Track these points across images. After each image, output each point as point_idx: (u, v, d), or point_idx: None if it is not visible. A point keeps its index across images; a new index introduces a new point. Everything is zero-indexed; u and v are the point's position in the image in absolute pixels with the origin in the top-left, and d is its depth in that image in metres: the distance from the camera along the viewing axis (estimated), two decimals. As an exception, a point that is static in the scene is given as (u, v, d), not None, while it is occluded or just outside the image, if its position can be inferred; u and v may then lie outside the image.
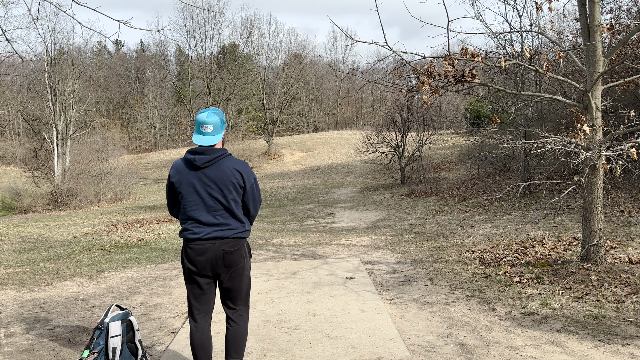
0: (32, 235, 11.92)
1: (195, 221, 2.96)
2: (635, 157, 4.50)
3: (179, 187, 2.98)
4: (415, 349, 3.67)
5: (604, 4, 12.35)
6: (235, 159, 3.03)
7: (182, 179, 2.96)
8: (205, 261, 2.94)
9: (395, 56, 4.91)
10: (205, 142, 2.97)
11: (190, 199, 2.96)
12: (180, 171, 2.98)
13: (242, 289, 3.08)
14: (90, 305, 5.21)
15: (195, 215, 2.95)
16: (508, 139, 8.18)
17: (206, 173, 2.94)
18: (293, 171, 30.44)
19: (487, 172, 18.48)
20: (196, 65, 42.11)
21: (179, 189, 2.98)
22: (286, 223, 12.19)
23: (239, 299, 3.09)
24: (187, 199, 2.96)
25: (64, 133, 29.55)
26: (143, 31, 31.82)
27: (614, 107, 7.00)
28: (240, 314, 3.10)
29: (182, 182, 2.97)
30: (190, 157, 2.95)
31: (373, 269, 6.27)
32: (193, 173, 2.95)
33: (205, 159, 2.93)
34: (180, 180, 2.97)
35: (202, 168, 2.94)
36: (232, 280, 3.02)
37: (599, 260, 5.33)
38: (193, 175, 2.95)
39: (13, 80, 40.70)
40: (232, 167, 2.97)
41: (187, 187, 2.95)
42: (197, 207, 2.95)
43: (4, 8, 27.08)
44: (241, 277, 3.05)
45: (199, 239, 2.94)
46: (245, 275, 3.08)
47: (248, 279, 3.13)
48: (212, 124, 2.98)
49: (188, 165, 2.97)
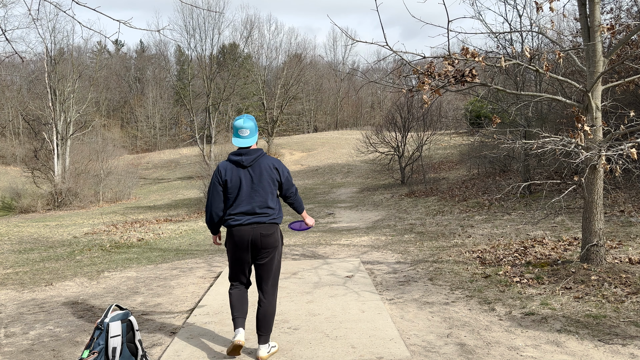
0: (32, 235, 11.92)
1: (240, 212, 3.52)
2: (635, 157, 4.50)
3: (229, 183, 3.52)
4: (415, 349, 3.66)
5: (604, 4, 12.35)
6: (271, 157, 3.61)
7: (233, 176, 3.52)
8: (245, 243, 3.50)
9: (396, 56, 4.91)
10: (245, 144, 3.56)
11: (237, 193, 3.53)
12: (230, 170, 3.54)
13: (272, 270, 3.60)
14: (90, 305, 5.21)
15: (240, 207, 3.52)
16: (508, 139, 8.17)
17: (250, 171, 3.53)
18: (293, 171, 30.45)
19: (487, 172, 18.48)
20: (196, 65, 42.07)
21: (229, 185, 3.53)
22: (286, 223, 12.19)
23: (270, 279, 3.60)
24: (234, 193, 3.53)
25: (64, 133, 29.55)
26: (143, 31, 31.80)
27: (614, 107, 7.00)
28: (270, 294, 3.62)
29: (232, 178, 3.52)
30: (236, 158, 3.54)
31: (373, 269, 6.27)
32: (242, 171, 3.53)
33: (250, 159, 3.53)
34: (231, 178, 3.52)
35: (248, 167, 3.52)
36: (265, 261, 3.56)
37: (599, 260, 5.33)
38: (242, 173, 3.53)
39: (13, 80, 40.72)
40: (270, 164, 3.56)
41: (236, 183, 3.52)
42: (241, 199, 3.52)
43: (4, 8, 27.09)
44: (272, 259, 3.59)
45: (240, 225, 3.51)
46: (276, 258, 3.62)
47: (279, 263, 3.66)
48: (248, 128, 3.57)
49: (235, 165, 3.54)
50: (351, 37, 5.41)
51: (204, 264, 7.15)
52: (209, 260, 7.38)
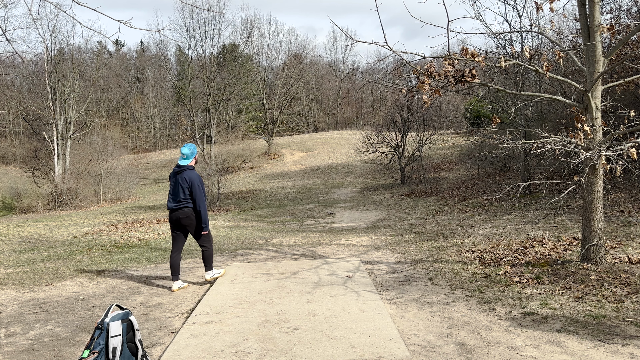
0: (32, 235, 11.93)
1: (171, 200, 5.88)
2: (635, 157, 4.51)
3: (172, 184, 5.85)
4: (415, 349, 3.67)
5: (604, 4, 12.36)
6: (191, 172, 5.75)
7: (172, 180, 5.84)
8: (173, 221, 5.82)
9: (396, 56, 4.92)
10: (183, 163, 5.80)
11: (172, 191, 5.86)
12: (172, 176, 5.83)
13: (199, 235, 5.86)
14: (90, 305, 5.21)
15: (170, 198, 5.88)
16: (508, 139, 8.16)
17: (178, 178, 5.75)
18: (293, 171, 30.45)
19: (487, 172, 18.48)
20: (196, 65, 42.08)
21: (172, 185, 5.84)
22: (286, 223, 12.19)
23: (199, 240, 5.89)
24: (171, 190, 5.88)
25: (64, 133, 29.56)
26: (143, 31, 31.81)
27: (614, 107, 6.99)
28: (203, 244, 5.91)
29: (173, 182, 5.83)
30: (175, 169, 5.84)
31: (373, 269, 6.28)
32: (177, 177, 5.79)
33: (179, 171, 5.77)
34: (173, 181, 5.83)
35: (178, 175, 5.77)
36: (193, 232, 5.82)
37: (598, 260, 5.33)
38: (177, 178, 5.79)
39: (13, 80, 40.73)
40: (187, 177, 5.72)
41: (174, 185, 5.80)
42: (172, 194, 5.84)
43: (4, 8, 27.08)
44: (194, 230, 5.82)
45: (171, 209, 5.83)
46: (197, 229, 5.83)
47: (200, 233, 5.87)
48: (185, 154, 5.80)
49: (175, 174, 5.82)
50: (351, 37, 5.42)
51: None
52: (209, 260, 7.38)
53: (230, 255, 7.79)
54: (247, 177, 30.37)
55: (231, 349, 3.76)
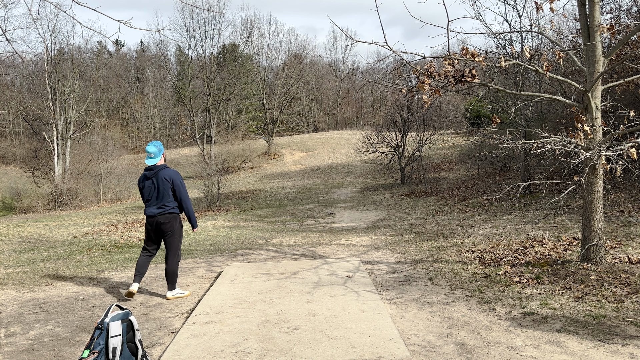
0: (32, 235, 11.93)
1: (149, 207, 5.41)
2: (635, 157, 4.51)
3: (143, 189, 5.48)
4: (415, 349, 3.67)
5: (604, 4, 12.36)
6: (169, 170, 5.38)
7: (145, 184, 5.46)
8: (152, 225, 5.39)
9: (396, 56, 4.92)
10: (151, 163, 5.41)
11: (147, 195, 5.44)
12: (142, 180, 5.50)
13: (173, 245, 5.39)
14: (90, 305, 5.21)
15: (149, 203, 5.42)
16: (508, 139, 8.16)
17: (153, 180, 5.39)
18: (293, 171, 30.45)
19: (487, 172, 18.48)
20: (196, 65, 42.06)
21: (144, 189, 5.48)
22: (286, 223, 12.19)
23: (170, 250, 5.40)
24: (145, 195, 5.47)
25: (64, 133, 29.56)
26: (143, 31, 31.81)
27: (614, 107, 6.99)
28: (170, 257, 5.41)
29: (145, 185, 5.46)
30: (145, 172, 5.46)
31: (373, 269, 6.28)
32: (148, 181, 5.45)
33: (152, 173, 5.38)
34: (143, 185, 5.49)
35: (152, 177, 5.39)
36: (167, 239, 5.38)
37: (598, 260, 5.33)
38: (148, 182, 5.45)
39: (13, 80, 40.73)
40: (166, 176, 5.35)
41: (147, 188, 5.43)
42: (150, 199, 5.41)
43: (4, 8, 27.05)
44: (172, 237, 5.38)
45: (148, 215, 5.40)
46: (175, 237, 5.39)
47: (178, 240, 5.44)
48: (152, 152, 5.41)
49: (145, 177, 5.47)
50: (351, 37, 5.42)
51: (204, 263, 7.15)
52: (209, 260, 7.39)
53: (230, 255, 7.79)
54: (247, 177, 30.37)
55: (231, 349, 3.76)
